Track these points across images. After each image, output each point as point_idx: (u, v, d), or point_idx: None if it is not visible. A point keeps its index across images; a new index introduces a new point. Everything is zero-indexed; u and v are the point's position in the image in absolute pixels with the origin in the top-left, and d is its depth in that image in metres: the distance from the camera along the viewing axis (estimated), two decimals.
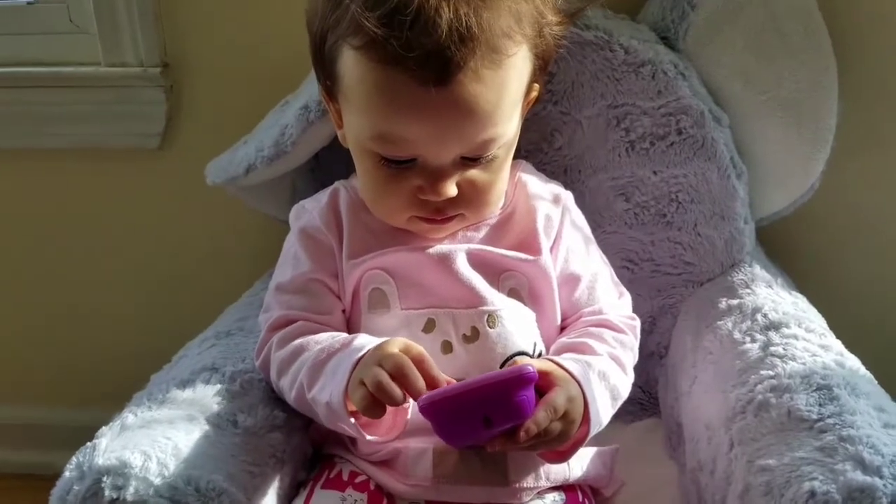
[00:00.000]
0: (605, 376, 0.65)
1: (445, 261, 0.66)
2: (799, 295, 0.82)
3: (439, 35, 0.55)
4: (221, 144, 0.89)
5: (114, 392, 0.75)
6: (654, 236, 0.83)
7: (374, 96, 0.60)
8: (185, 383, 0.67)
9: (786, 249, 0.94)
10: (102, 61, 0.97)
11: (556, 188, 0.73)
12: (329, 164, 0.83)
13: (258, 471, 0.62)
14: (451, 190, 0.62)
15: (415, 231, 0.67)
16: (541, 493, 0.65)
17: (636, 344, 0.72)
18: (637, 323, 0.73)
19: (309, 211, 0.71)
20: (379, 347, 0.59)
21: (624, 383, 0.67)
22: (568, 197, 0.73)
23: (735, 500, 0.59)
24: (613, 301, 0.73)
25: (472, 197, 0.64)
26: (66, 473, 0.59)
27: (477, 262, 0.67)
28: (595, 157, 0.81)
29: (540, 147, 0.82)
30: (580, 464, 0.66)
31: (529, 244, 0.68)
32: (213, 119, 0.98)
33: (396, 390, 0.55)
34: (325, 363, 0.62)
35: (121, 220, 1.05)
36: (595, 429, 0.63)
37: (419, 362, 0.57)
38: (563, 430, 0.59)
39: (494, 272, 0.67)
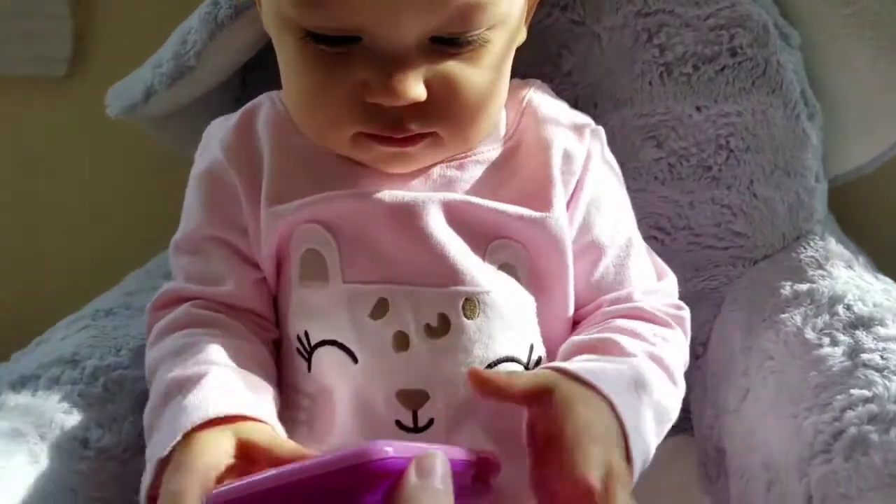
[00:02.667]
0: (645, 387, 0.44)
1: (409, 215, 0.46)
2: (887, 279, 0.62)
3: None
4: None
5: None
6: (694, 196, 0.63)
7: None
8: (24, 382, 0.50)
9: (854, 217, 0.73)
10: None
11: (580, 116, 0.53)
12: (259, 92, 0.62)
13: None
14: (415, 88, 0.42)
15: (366, 161, 0.47)
16: None
17: (687, 342, 0.51)
18: (686, 313, 0.52)
19: (212, 137, 0.52)
20: (186, 456, 0.39)
21: (673, 397, 0.47)
22: (598, 131, 0.52)
23: None
24: (650, 285, 0.52)
25: (449, 104, 0.44)
26: None
27: (457, 219, 0.47)
28: (617, 86, 0.62)
29: (542, 70, 0.61)
30: None
31: (537, 194, 0.48)
32: (134, 38, 0.76)
33: None
34: (163, 407, 0.43)
35: (18, 164, 0.87)
36: (639, 470, 0.42)
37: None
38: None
39: (481, 237, 0.47)
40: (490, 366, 0.46)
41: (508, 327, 0.46)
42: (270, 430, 0.42)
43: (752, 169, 0.62)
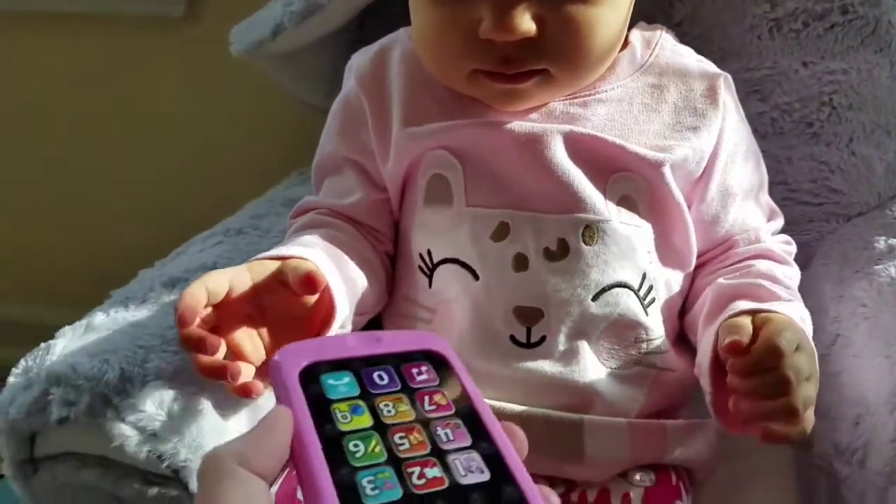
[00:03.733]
0: (805, 321, 0.47)
1: (535, 144, 0.48)
2: None
3: None
4: None
5: (100, 291, 0.61)
6: (794, 152, 0.64)
7: None
8: (174, 282, 0.55)
9: None
10: None
11: (708, 64, 0.53)
12: (376, 35, 0.66)
13: None
14: (524, 24, 0.44)
15: (482, 98, 0.50)
16: (624, 472, 0.48)
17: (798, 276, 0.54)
18: (794, 248, 0.55)
19: (351, 68, 0.56)
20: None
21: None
22: (728, 80, 0.53)
23: None
24: (770, 224, 0.55)
25: (560, 40, 0.45)
26: (12, 379, 0.48)
27: (579, 151, 0.49)
28: (727, 38, 0.63)
29: (652, 20, 0.62)
30: (678, 440, 0.49)
31: (659, 137, 0.50)
32: None
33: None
34: None
35: (137, 99, 0.93)
36: None
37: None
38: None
39: (603, 169, 0.49)
40: (603, 290, 0.48)
41: (624, 256, 0.49)
42: (300, 265, 0.43)
43: (854, 127, 0.63)
